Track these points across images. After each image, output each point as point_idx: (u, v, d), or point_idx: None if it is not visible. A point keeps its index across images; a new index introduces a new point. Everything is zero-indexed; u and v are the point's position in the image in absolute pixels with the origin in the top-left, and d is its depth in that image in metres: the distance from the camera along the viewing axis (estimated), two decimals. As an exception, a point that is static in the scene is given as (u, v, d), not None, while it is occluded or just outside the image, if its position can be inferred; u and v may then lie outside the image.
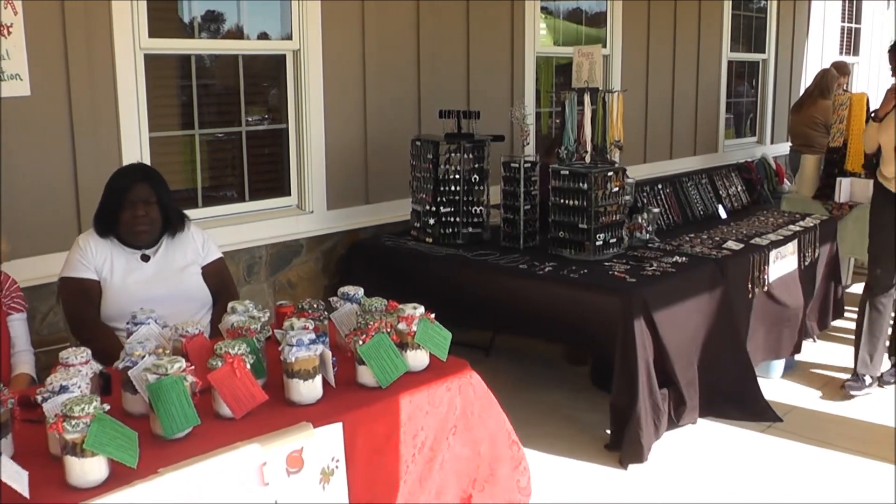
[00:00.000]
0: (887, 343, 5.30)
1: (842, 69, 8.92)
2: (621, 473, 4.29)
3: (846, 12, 12.45)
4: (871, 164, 5.53)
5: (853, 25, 12.58)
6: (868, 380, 5.23)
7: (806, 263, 5.75)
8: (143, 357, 2.64)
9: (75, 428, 2.21)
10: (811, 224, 6.01)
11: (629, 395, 4.27)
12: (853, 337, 5.32)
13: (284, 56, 5.38)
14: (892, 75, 5.17)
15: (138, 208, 3.66)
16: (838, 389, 5.29)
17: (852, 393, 5.18)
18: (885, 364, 5.34)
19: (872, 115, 5.32)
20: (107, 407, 2.30)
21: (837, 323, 6.22)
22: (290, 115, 5.44)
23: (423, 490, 3.03)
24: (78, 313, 3.65)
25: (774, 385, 5.40)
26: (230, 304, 3.23)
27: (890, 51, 5.18)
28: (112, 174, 3.78)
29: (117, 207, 3.66)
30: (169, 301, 3.58)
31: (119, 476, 2.26)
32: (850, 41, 12.45)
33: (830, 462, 4.44)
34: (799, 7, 10.86)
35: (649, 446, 4.33)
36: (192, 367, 2.63)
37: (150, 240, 3.76)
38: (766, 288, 5.25)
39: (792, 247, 5.57)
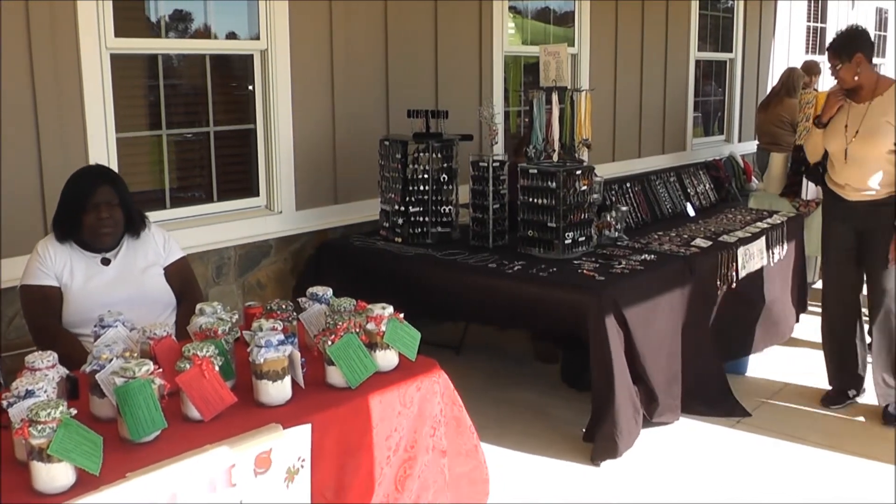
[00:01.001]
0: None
1: (811, 69, 9.01)
2: (593, 471, 4.32)
3: (812, 12, 12.59)
4: (817, 171, 5.20)
5: (819, 25, 12.71)
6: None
7: (774, 260, 5.80)
8: (111, 360, 2.62)
9: (41, 433, 2.19)
10: (778, 221, 6.06)
11: (606, 393, 4.29)
12: (820, 333, 5.27)
13: (252, 56, 5.36)
14: (832, 74, 4.86)
15: (102, 211, 3.62)
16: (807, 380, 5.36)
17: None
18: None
19: (815, 120, 5.00)
20: (73, 411, 2.29)
21: (804, 318, 6.27)
22: (259, 115, 5.42)
23: (401, 492, 3.05)
24: (39, 321, 3.62)
25: (743, 381, 5.45)
26: (198, 306, 3.21)
27: (829, 49, 4.81)
28: (70, 177, 3.73)
29: (79, 211, 3.61)
30: (131, 304, 3.55)
31: (86, 481, 2.24)
32: (816, 41, 12.57)
33: (800, 456, 4.49)
34: (765, 7, 10.96)
35: (626, 444, 4.35)
36: (160, 370, 2.62)
37: (113, 242, 3.73)
38: (734, 285, 5.28)
39: (760, 244, 5.61)
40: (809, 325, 6.13)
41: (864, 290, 5.05)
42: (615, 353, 4.26)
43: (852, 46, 4.68)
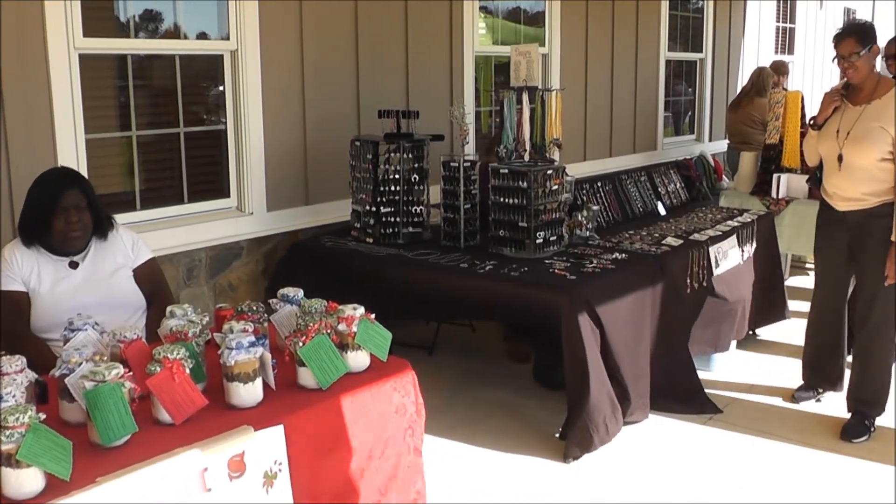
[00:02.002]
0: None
1: (780, 68, 9.10)
2: (567, 468, 4.34)
3: (781, 12, 12.71)
4: (816, 178, 4.96)
5: (788, 25, 12.81)
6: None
7: (744, 258, 5.84)
8: (80, 364, 2.61)
9: (10, 438, 2.18)
10: (749, 219, 6.12)
11: (580, 391, 4.31)
12: (793, 331, 5.27)
13: (222, 56, 5.33)
14: (841, 65, 4.48)
15: (71, 214, 3.60)
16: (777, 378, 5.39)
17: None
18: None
19: (811, 122, 4.75)
20: (42, 416, 2.27)
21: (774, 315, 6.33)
22: (229, 115, 5.40)
23: (385, 494, 3.07)
24: (6, 326, 3.57)
25: (715, 378, 5.50)
26: (169, 308, 3.19)
27: (846, 35, 4.44)
28: (36, 180, 3.69)
29: (48, 215, 3.58)
30: (101, 307, 3.53)
31: (56, 487, 2.23)
32: (785, 41, 12.68)
33: (771, 451, 4.54)
34: (735, 7, 11.04)
35: (603, 439, 4.38)
36: (131, 374, 2.60)
37: (82, 245, 3.70)
38: (705, 283, 5.32)
39: (731, 242, 5.66)
40: (780, 322, 6.21)
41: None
42: (589, 351, 4.29)
43: (873, 35, 4.41)
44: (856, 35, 4.41)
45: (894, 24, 12.32)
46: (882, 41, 5.44)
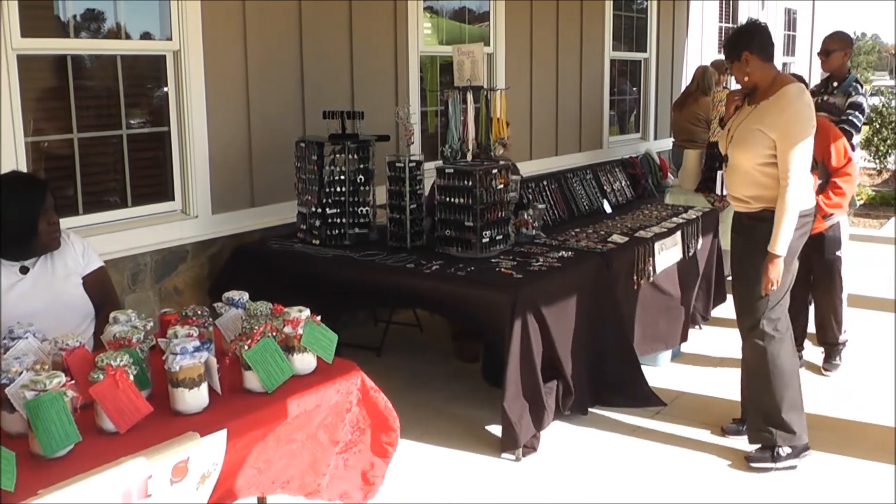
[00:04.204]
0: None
1: (721, 67, 9.20)
2: (515, 465, 4.37)
3: (723, 13, 12.90)
4: None
5: (730, 25, 12.99)
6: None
7: (690, 254, 5.91)
8: (21, 373, 2.57)
9: (-51, 450, 2.14)
10: (694, 216, 6.20)
11: (520, 389, 4.35)
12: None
13: (164, 57, 5.28)
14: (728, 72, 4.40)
15: (51, 214, 3.58)
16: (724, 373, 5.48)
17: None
18: None
19: (721, 122, 4.70)
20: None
21: (721, 309, 6.42)
22: (172, 117, 5.35)
23: (322, 490, 3.07)
24: None
25: (662, 372, 5.57)
26: (112, 314, 3.15)
27: (725, 46, 4.46)
28: (4, 188, 3.57)
29: (35, 218, 3.53)
30: (50, 314, 3.48)
31: (-2, 498, 2.20)
32: (728, 40, 12.86)
33: (717, 444, 4.62)
34: (678, 8, 11.18)
35: (526, 437, 4.40)
36: (73, 382, 2.57)
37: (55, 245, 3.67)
38: (651, 279, 5.38)
39: (675, 238, 5.72)
40: (726, 316, 6.29)
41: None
42: (528, 350, 4.33)
43: (740, 44, 4.30)
44: (726, 48, 4.42)
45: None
46: (818, 40, 5.56)
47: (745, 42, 4.29)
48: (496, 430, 4.67)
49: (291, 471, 3.01)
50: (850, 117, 5.86)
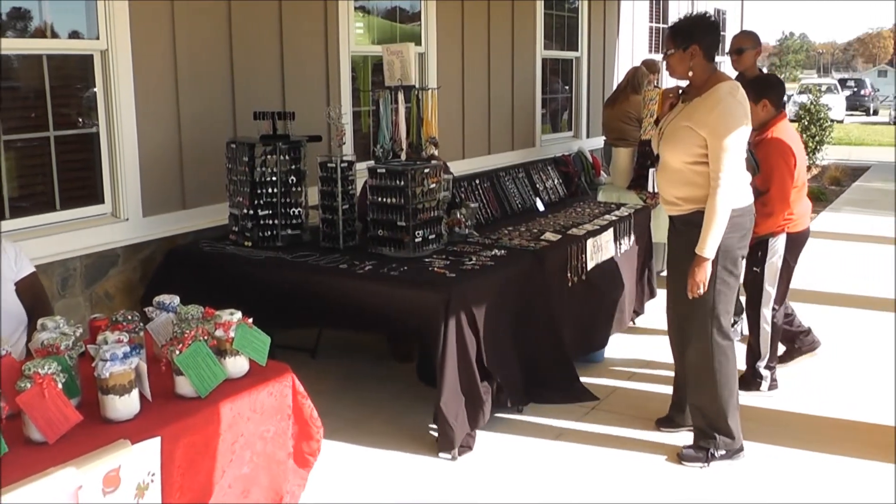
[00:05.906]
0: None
1: (651, 67, 9.32)
2: (449, 466, 4.39)
3: (654, 13, 13.08)
4: None
5: (661, 25, 13.18)
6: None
7: (622, 251, 6.00)
8: (-56, 383, 2.53)
9: None
10: (626, 213, 6.29)
11: (452, 388, 4.37)
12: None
13: (92, 56, 5.20)
14: (663, 59, 4.38)
15: None
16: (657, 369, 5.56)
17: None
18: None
19: (656, 120, 4.59)
20: None
21: (652, 304, 6.55)
22: (101, 118, 5.27)
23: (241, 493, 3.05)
24: None
25: (596, 368, 5.64)
26: (40, 321, 3.11)
27: (668, 31, 4.34)
28: None
29: None
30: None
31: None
32: (658, 40, 13.04)
33: (652, 438, 4.69)
34: (609, 7, 11.32)
35: (462, 436, 4.43)
36: (-1, 391, 2.54)
37: None
38: (584, 276, 5.44)
39: (608, 235, 5.81)
40: (659, 311, 6.38)
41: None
42: (461, 349, 4.36)
43: (692, 35, 4.16)
44: (671, 33, 4.28)
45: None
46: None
47: (699, 35, 4.16)
48: (431, 428, 4.69)
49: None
50: None
